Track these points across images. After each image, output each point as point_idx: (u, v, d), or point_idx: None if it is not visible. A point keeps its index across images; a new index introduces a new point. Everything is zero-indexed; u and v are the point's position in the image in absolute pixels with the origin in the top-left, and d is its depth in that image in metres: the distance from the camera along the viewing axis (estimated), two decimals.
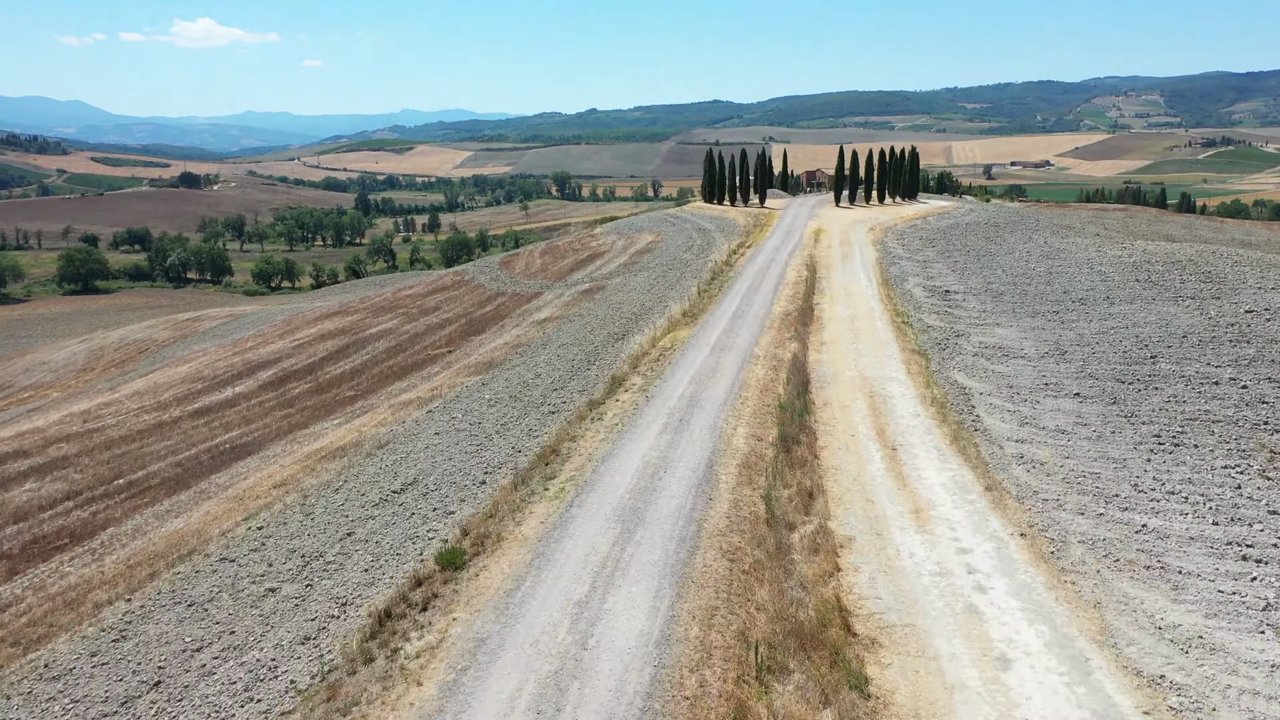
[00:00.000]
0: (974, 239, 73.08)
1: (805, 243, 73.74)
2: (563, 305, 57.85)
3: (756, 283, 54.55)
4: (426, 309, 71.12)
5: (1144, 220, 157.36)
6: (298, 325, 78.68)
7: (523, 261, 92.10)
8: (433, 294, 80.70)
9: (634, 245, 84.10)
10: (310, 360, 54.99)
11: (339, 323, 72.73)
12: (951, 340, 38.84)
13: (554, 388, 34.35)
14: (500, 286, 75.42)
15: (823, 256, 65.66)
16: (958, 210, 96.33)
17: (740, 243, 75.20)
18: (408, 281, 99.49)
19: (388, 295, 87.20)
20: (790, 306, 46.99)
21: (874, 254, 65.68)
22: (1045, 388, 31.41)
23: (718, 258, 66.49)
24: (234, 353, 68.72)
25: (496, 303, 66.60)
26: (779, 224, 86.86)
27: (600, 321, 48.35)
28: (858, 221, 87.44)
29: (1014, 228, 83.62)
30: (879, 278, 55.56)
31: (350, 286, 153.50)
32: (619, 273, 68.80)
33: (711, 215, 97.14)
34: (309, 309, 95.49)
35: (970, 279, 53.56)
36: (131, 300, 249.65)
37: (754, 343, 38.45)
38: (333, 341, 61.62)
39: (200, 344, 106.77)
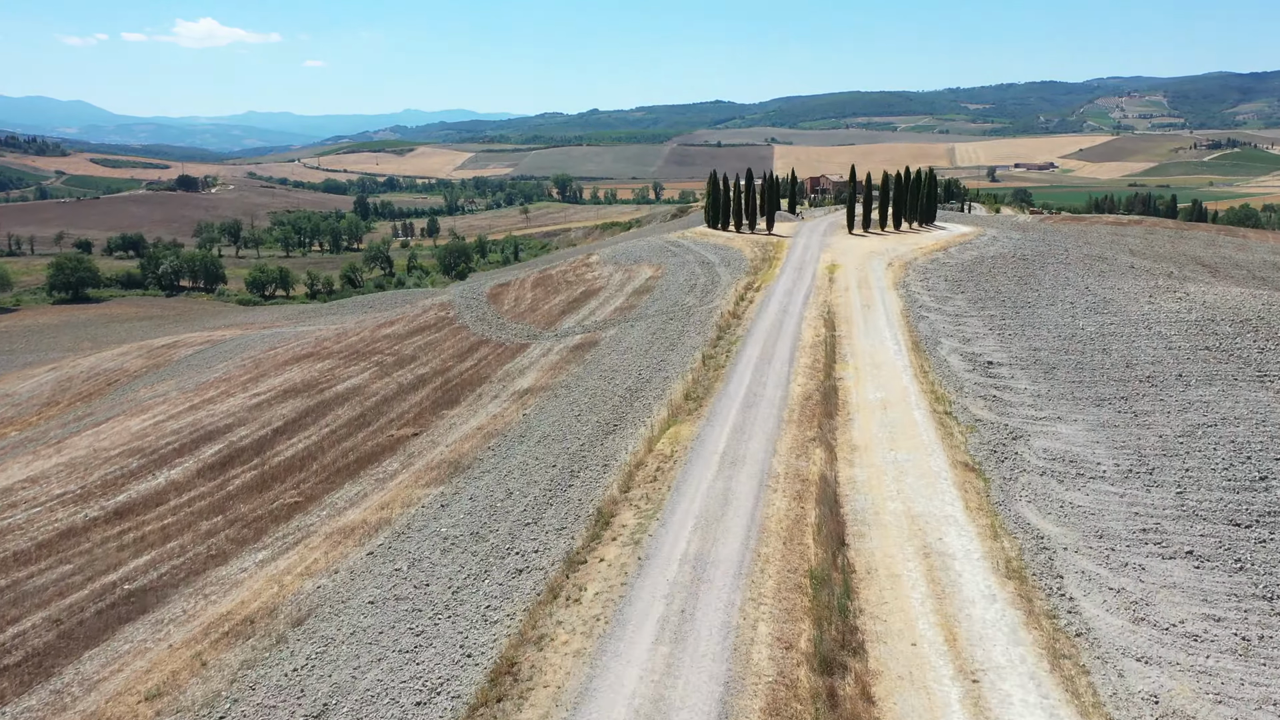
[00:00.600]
0: (1004, 280, 66.42)
1: (819, 283, 67.12)
2: (549, 367, 51.25)
3: (769, 345, 47.93)
4: (403, 358, 64.53)
5: (1165, 237, 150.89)
6: (265, 370, 72.14)
7: (512, 295, 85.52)
8: (414, 335, 74.11)
9: (632, 281, 77.52)
10: (263, 432, 48.45)
11: (307, 372, 66.17)
12: (1008, 445, 32.22)
13: (526, 521, 27.75)
14: (485, 330, 68.82)
15: (840, 304, 59.01)
16: (979, 238, 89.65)
17: (748, 283, 68.57)
18: (390, 315, 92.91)
19: (366, 332, 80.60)
20: (810, 384, 40.36)
21: (897, 302, 59.02)
22: (1144, 537, 24.80)
23: (724, 305, 59.87)
24: (190, 407, 62.19)
25: (478, 355, 59.99)
26: (789, 257, 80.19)
27: (589, 400, 41.76)
28: (874, 254, 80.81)
29: (1043, 262, 77.03)
30: (908, 339, 48.92)
31: (337, 308, 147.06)
32: (614, 320, 62.19)
33: (715, 244, 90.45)
34: (283, 346, 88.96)
35: (1013, 343, 46.91)
36: (122, 310, 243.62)
37: (770, 450, 31.85)
38: (294, 403, 55.04)
39: (168, 379, 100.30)
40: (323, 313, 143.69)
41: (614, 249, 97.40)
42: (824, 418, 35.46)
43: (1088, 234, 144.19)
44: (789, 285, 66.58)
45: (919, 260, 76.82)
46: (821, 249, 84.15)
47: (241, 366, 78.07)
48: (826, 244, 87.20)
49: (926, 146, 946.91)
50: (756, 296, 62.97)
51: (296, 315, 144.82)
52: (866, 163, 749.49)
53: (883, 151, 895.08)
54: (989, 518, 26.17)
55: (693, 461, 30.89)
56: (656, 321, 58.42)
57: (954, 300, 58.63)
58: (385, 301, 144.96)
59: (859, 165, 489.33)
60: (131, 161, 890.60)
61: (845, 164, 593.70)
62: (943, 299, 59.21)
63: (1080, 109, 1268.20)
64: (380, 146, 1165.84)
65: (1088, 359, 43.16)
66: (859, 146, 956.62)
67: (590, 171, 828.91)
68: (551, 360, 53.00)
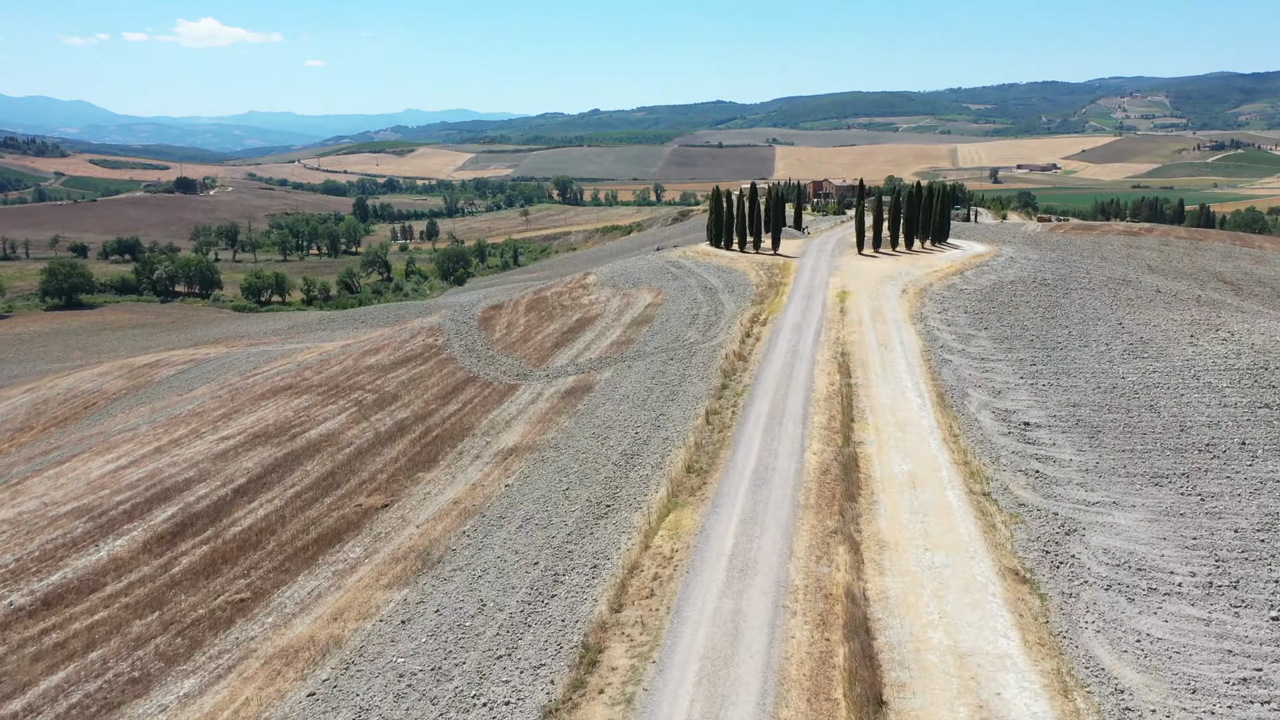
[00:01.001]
0: (1028, 312, 61.93)
1: (830, 315, 62.63)
2: (538, 418, 46.79)
3: (779, 398, 43.44)
4: (384, 396, 60.07)
5: (1181, 250, 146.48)
6: (241, 404, 67.75)
7: (504, 320, 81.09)
8: (399, 367, 69.67)
9: (630, 308, 73.09)
10: (223, 492, 44.06)
11: (282, 410, 61.76)
12: (1062, 544, 27.76)
13: (498, 652, 23.28)
14: (473, 365, 64.37)
15: (855, 342, 54.52)
16: (995, 259, 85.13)
17: (754, 314, 64.10)
18: (379, 335, 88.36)
19: (350, 360, 76.20)
20: (827, 451, 35.90)
21: (916, 340, 54.52)
22: (1248, 692, 20.36)
23: (728, 344, 55.40)
24: (155, 449, 57.82)
25: (464, 397, 55.53)
26: (797, 281, 75.70)
27: (579, 467, 37.30)
28: (886, 278, 76.33)
29: (1066, 288, 72.56)
30: (931, 389, 44.44)
31: (328, 321, 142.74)
32: (610, 357, 57.72)
33: (718, 266, 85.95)
34: (265, 371, 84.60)
35: (1048, 396, 42.42)
36: (115, 317, 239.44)
37: (786, 549, 27.38)
38: (262, 453, 50.62)
39: (147, 402, 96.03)
40: (313, 327, 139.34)
41: (611, 268, 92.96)
42: (845, 500, 31.01)
43: (1101, 247, 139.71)
44: (798, 317, 62.08)
45: (934, 286, 72.34)
46: (830, 272, 79.64)
47: (217, 399, 73.66)
48: (836, 266, 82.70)
49: (928, 147, 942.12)
50: (764, 332, 58.47)
51: (286, 330, 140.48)
52: (868, 164, 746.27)
53: (884, 152, 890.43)
54: (1053, 658, 21.71)
55: (696, 568, 26.44)
56: (656, 362, 53.97)
57: (977, 339, 54.12)
58: (377, 317, 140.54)
59: (860, 166, 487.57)
60: (131, 162, 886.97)
61: (847, 165, 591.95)
62: (965, 337, 54.69)
63: (1082, 109, 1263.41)
64: (381, 147, 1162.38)
65: (1135, 419, 38.70)
66: (860, 147, 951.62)
67: (591, 172, 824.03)
68: (541, 409, 48.54)
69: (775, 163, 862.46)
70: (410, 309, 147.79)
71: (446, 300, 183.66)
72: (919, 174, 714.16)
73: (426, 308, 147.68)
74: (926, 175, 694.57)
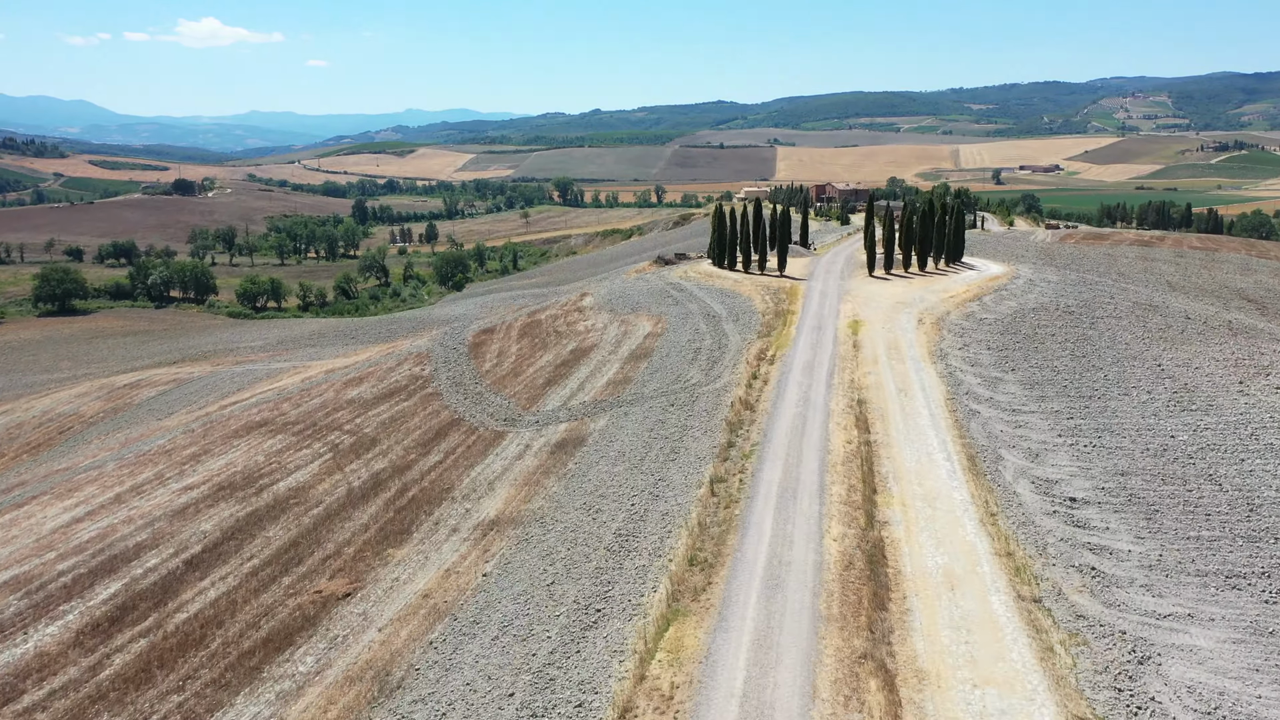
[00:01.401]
0: (1056, 348, 57.44)
1: (843, 351, 58.10)
2: (524, 479, 42.31)
3: (791, 461, 38.95)
4: (362, 440, 55.64)
5: (1197, 262, 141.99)
6: (213, 442, 63.39)
7: (496, 347, 76.62)
8: (381, 402, 65.25)
9: (628, 337, 68.60)
10: (175, 563, 39.67)
11: (253, 453, 57.36)
12: (1137, 681, 23.26)
13: None
14: (459, 403, 59.92)
15: (871, 385, 50.02)
16: (1013, 282, 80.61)
17: (760, 349, 59.59)
18: (364, 358, 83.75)
19: (331, 392, 71.80)
20: (849, 536, 31.44)
21: (938, 384, 50.03)
22: None
23: (734, 387, 50.89)
24: (114, 498, 53.46)
25: (446, 445, 51.06)
26: (805, 309, 71.18)
27: (568, 551, 32.84)
28: (900, 305, 71.82)
29: (1092, 317, 68.14)
30: (960, 450, 39.95)
31: (318, 337, 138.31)
32: (606, 399, 53.23)
33: (722, 289, 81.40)
34: (243, 398, 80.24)
35: (1092, 461, 37.93)
36: (108, 324, 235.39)
37: (808, 689, 22.88)
38: (224, 510, 46.20)
39: (126, 427, 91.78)
40: (302, 342, 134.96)
41: (609, 289, 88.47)
42: (874, 609, 26.56)
43: (1117, 260, 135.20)
44: (808, 354, 57.55)
45: (952, 315, 67.86)
46: (840, 298, 75.12)
47: (190, 433, 69.27)
48: (846, 290, 78.19)
49: (930, 148, 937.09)
50: (772, 372, 53.96)
51: (275, 345, 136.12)
52: (870, 164, 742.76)
53: (886, 153, 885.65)
54: None
55: (702, 716, 21.96)
56: (655, 408, 49.48)
57: (1005, 384, 49.62)
58: (369, 332, 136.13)
59: (862, 167, 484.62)
60: (130, 163, 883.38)
61: (849, 166, 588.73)
62: (991, 381, 50.18)
63: (1084, 109, 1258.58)
64: (381, 148, 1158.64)
65: (1194, 493, 34.26)
66: (862, 148, 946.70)
67: (592, 173, 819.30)
68: (528, 466, 44.05)
69: (776, 163, 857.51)
70: (403, 323, 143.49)
71: (442, 311, 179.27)
72: (921, 175, 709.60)
73: (420, 321, 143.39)
74: (928, 176, 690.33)
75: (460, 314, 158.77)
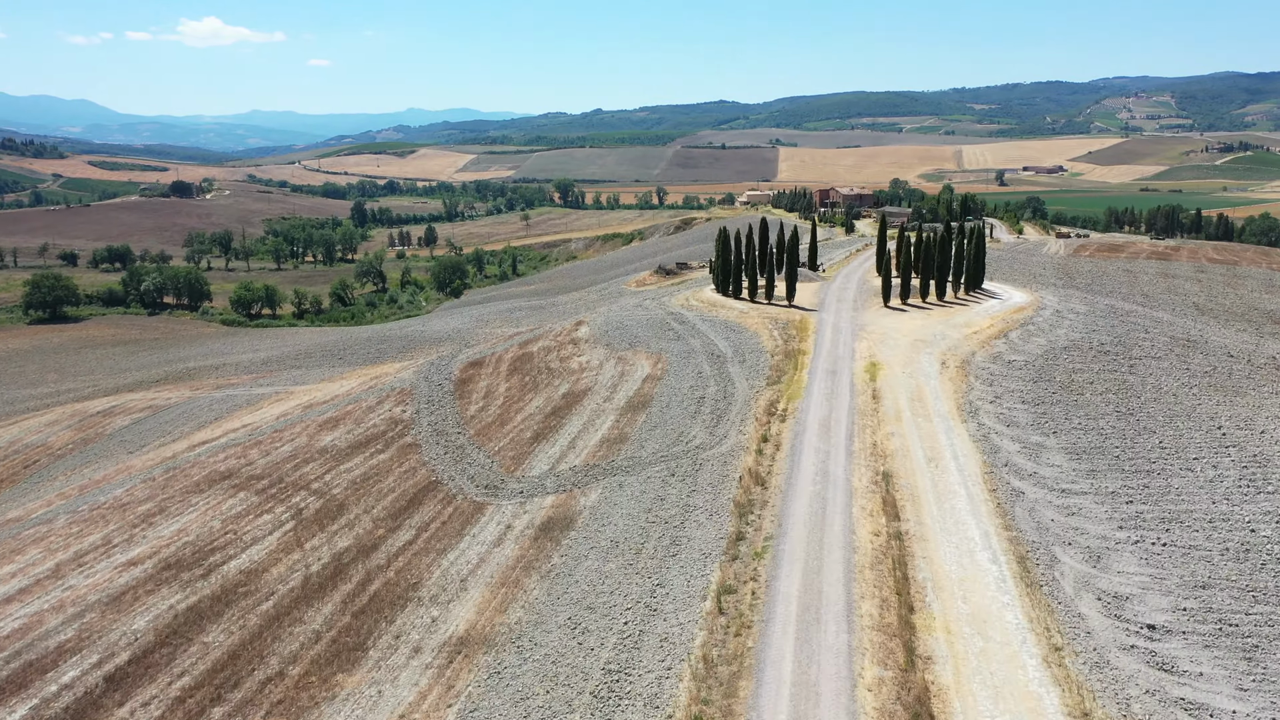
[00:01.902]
0: (1098, 402, 51.86)
1: (862, 404, 52.45)
2: (502, 577, 36.75)
3: (812, 568, 33.32)
4: (330, 504, 50.16)
5: (1219, 278, 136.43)
6: (171, 497, 57.94)
7: (484, 385, 71.09)
8: (356, 452, 59.75)
9: (626, 379, 62.98)
10: (95, 678, 34.20)
11: (210, 517, 51.90)
12: None
13: None
14: (438, 460, 54.37)
15: (897, 453, 44.42)
16: (1039, 315, 74.97)
17: (770, 400, 53.97)
18: (344, 400, 78.10)
19: (305, 437, 66.29)
20: (886, 686, 25.85)
21: (972, 451, 44.42)
22: None
23: (743, 454, 45.30)
24: (53, 570, 48.03)
25: (419, 520, 45.52)
26: (818, 348, 65.48)
27: (545, 697, 27.28)
28: (920, 343, 66.17)
29: (1129, 356, 62.67)
30: (1008, 549, 34.34)
31: (304, 358, 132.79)
32: (599, 466, 47.66)
33: (726, 322, 75.70)
34: (214, 441, 74.79)
35: (1165, 568, 32.35)
36: (99, 332, 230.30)
37: None
38: (165, 599, 40.74)
39: (94, 461, 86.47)
40: (286, 363, 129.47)
41: (606, 318, 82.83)
42: None
43: (1138, 278, 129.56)
44: (824, 408, 51.89)
45: (978, 357, 62.24)
46: (855, 334, 69.46)
47: (150, 482, 63.81)
48: (860, 325, 72.50)
49: (933, 149, 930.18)
50: (784, 432, 48.36)
51: (261, 365, 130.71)
52: (872, 165, 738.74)
53: (889, 154, 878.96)
54: None
55: None
56: (654, 479, 43.91)
57: (1048, 452, 44.04)
58: (358, 352, 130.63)
59: (865, 168, 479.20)
60: (130, 164, 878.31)
61: (852, 167, 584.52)
62: (1032, 449, 44.58)
63: (1087, 109, 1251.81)
64: (382, 148, 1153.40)
65: None
66: (865, 149, 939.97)
67: (593, 174, 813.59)
68: (507, 557, 38.47)
69: (778, 164, 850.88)
70: (393, 342, 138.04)
71: (436, 325, 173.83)
72: (924, 176, 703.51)
73: (410, 340, 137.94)
74: (931, 177, 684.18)
75: (454, 329, 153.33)
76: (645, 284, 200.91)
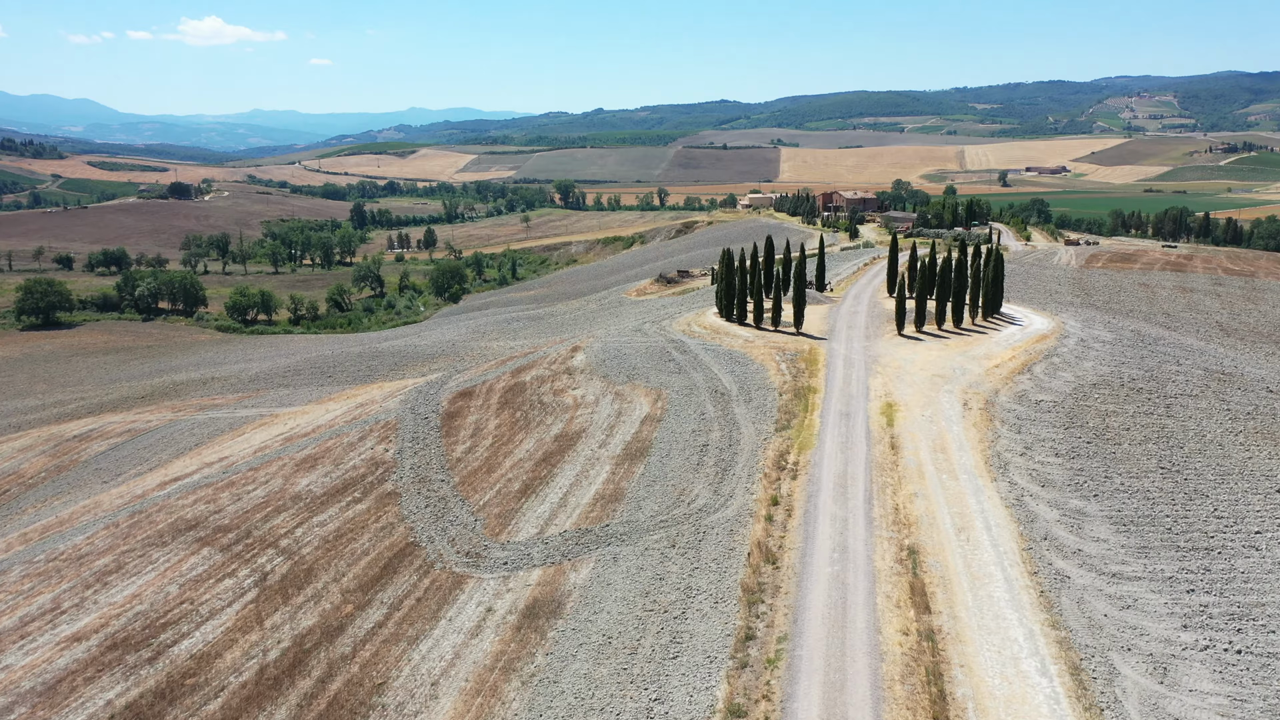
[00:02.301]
0: (1138, 454, 47.37)
1: (879, 456, 47.93)
2: (478, 682, 32.21)
3: (834, 686, 28.77)
4: (297, 568, 45.73)
5: (1239, 294, 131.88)
6: (130, 552, 53.56)
7: (472, 420, 66.62)
8: (333, 500, 55.31)
9: (623, 420, 58.48)
10: None
11: (167, 581, 47.48)
12: None
13: None
14: (418, 515, 49.91)
15: (922, 522, 39.91)
16: (1063, 345, 70.41)
17: (779, 450, 49.46)
18: (325, 433, 73.56)
19: (279, 479, 61.88)
20: None
21: (1008, 524, 39.86)
22: None
23: (752, 520, 40.78)
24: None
25: (391, 596, 41.05)
26: (829, 386, 60.88)
27: None
28: (938, 378, 61.64)
29: (1164, 396, 58.20)
30: (1061, 662, 29.73)
31: (293, 375, 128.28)
32: (591, 533, 43.18)
33: (730, 352, 71.06)
34: (188, 479, 70.35)
35: (1245, 685, 27.82)
36: (92, 339, 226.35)
37: None
38: (101, 692, 36.33)
39: (66, 492, 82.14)
40: (275, 380, 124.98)
41: (603, 344, 78.26)
42: None
43: (1156, 295, 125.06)
44: (838, 462, 47.38)
45: (1002, 395, 57.73)
46: (868, 368, 64.86)
47: (113, 528, 59.49)
48: (873, 357, 67.88)
49: (935, 149, 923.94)
50: (795, 491, 43.85)
51: (247, 384, 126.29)
52: (874, 166, 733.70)
53: (891, 154, 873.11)
54: None
55: None
56: (652, 551, 39.42)
57: (1091, 523, 39.49)
58: (349, 370, 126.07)
59: (867, 169, 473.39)
60: (130, 164, 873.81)
61: (854, 168, 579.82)
62: (1073, 518, 40.04)
63: (1089, 109, 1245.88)
64: (383, 148, 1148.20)
65: None
66: (867, 149, 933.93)
67: (594, 174, 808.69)
68: (485, 653, 33.98)
69: (780, 164, 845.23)
70: (385, 358, 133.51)
71: (431, 337, 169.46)
72: (926, 177, 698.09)
73: (402, 356, 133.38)
74: (934, 178, 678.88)
75: (449, 343, 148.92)
76: (645, 293, 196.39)
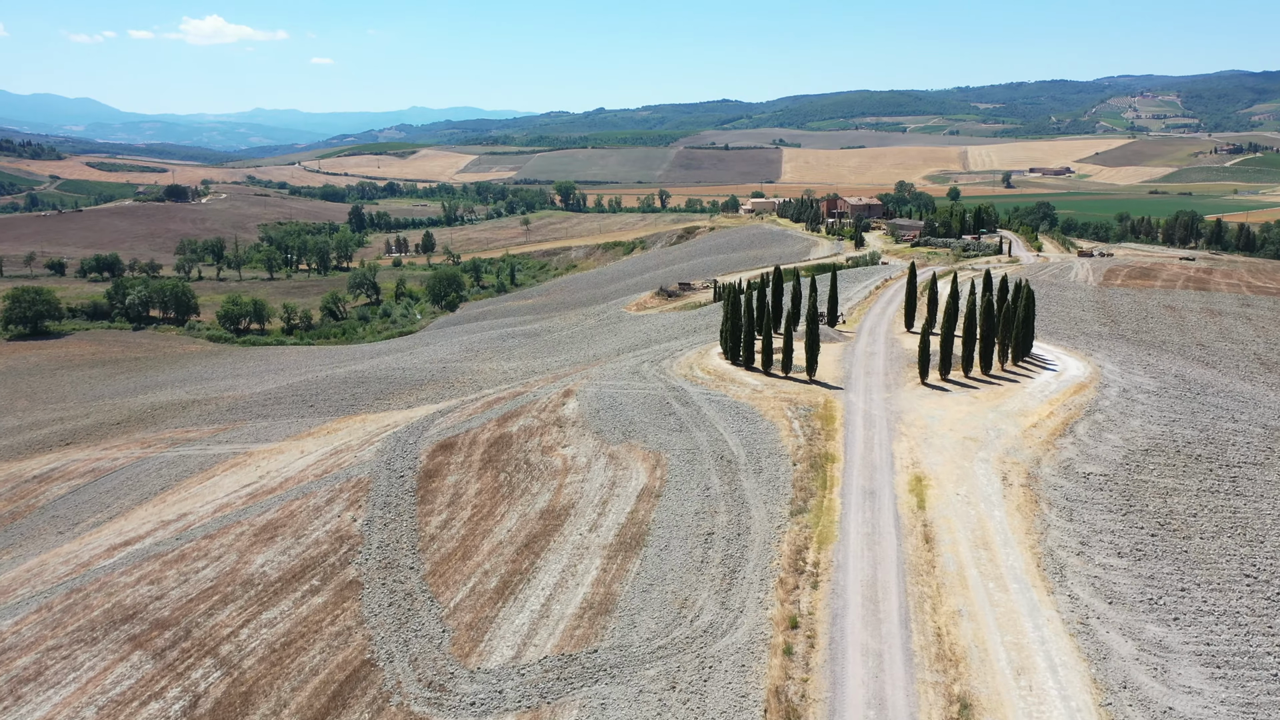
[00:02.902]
0: (1213, 552, 40.76)
1: (912, 555, 41.23)
2: None
3: None
4: (236, 685, 39.16)
5: (1268, 315, 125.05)
6: (53, 652, 47.03)
7: (451, 483, 60.02)
8: (287, 589, 48.75)
9: (617, 494, 51.86)
10: None
11: (88, 697, 40.91)
12: None
13: None
14: (379, 616, 43.30)
15: (974, 664, 33.21)
16: (1102, 395, 63.70)
17: (796, 545, 42.80)
18: (293, 491, 66.86)
19: (234, 554, 55.30)
20: None
21: (1077, 664, 33.04)
22: None
23: (767, 653, 34.15)
24: None
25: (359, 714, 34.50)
26: (849, 455, 54.07)
27: None
28: (971, 443, 54.91)
29: (1227, 464, 51.67)
30: None
31: (273, 403, 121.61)
32: (578, 661, 36.49)
33: (736, 405, 64.23)
34: (143, 540, 63.78)
35: None
36: (79, 349, 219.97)
37: None
38: None
39: (19, 544, 75.49)
40: (253, 410, 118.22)
41: (599, 391, 71.56)
42: None
43: (1184, 319, 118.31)
44: (865, 566, 40.66)
45: (1044, 467, 51.06)
46: (891, 428, 58.07)
47: (44, 612, 53.11)
48: (895, 413, 61.10)
49: (938, 149, 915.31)
50: (818, 609, 37.18)
51: (226, 413, 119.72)
52: (877, 166, 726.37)
53: (893, 155, 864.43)
54: None
55: None
56: (648, 700, 32.76)
57: (1177, 661, 32.82)
58: (330, 399, 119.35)
59: (869, 169, 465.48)
60: (128, 165, 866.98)
61: (856, 168, 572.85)
62: (1156, 655, 33.32)
63: (1092, 109, 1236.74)
64: (383, 149, 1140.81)
65: None
66: (869, 149, 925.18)
67: (595, 175, 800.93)
68: None
69: (782, 165, 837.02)
70: (370, 385, 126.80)
71: (423, 354, 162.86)
72: (929, 178, 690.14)
73: (389, 384, 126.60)
74: (937, 179, 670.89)
75: (439, 365, 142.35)
76: (646, 307, 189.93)
